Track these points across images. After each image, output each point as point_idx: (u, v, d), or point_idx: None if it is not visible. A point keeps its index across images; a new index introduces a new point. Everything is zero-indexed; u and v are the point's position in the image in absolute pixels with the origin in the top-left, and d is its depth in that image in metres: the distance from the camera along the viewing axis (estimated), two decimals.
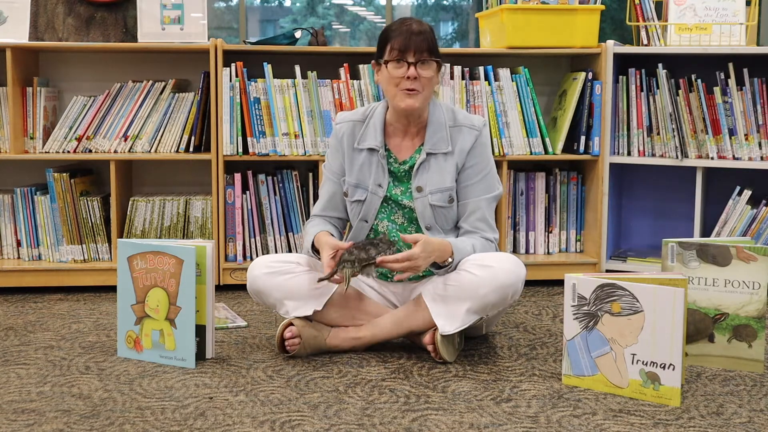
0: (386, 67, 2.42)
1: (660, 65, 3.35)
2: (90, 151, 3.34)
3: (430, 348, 2.39)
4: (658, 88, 3.38)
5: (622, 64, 3.51)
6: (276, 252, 3.35)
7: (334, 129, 2.58)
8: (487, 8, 3.58)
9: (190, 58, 3.52)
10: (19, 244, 3.34)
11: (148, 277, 2.37)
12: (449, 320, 2.36)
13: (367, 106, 2.59)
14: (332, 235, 2.50)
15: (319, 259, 2.44)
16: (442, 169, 2.47)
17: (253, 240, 3.36)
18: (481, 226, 2.49)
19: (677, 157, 3.34)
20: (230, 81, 3.26)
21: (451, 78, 3.35)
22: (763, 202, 3.28)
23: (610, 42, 3.40)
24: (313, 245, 2.47)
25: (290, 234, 3.38)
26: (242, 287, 3.23)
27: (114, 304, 3.04)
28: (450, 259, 2.37)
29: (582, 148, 3.42)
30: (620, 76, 3.45)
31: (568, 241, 3.56)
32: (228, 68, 3.26)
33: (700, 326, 2.37)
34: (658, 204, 3.72)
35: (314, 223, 2.57)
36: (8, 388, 2.17)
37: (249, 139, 3.27)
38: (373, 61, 2.50)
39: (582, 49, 3.40)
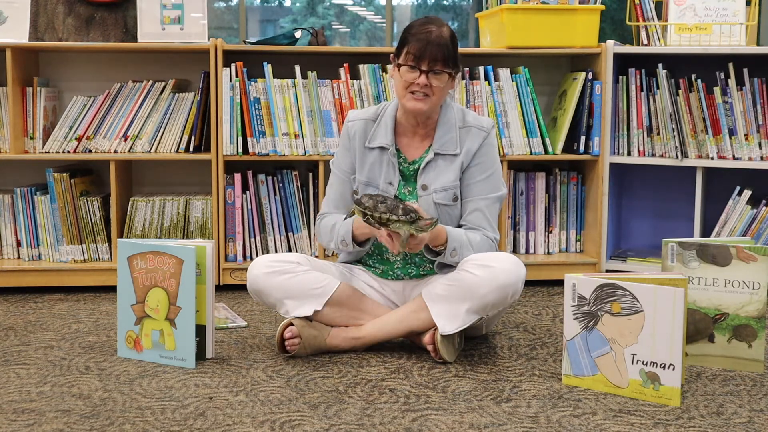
0: (399, 70, 2.43)
1: (660, 65, 3.35)
2: (90, 151, 3.34)
3: (430, 348, 2.39)
4: (658, 88, 3.38)
5: (622, 64, 3.51)
6: (276, 252, 3.35)
7: (345, 127, 2.58)
8: (487, 8, 3.58)
9: (190, 58, 3.52)
10: (19, 244, 3.34)
11: (148, 277, 2.37)
12: (449, 320, 2.36)
13: (379, 104, 2.60)
14: None
15: (355, 243, 2.46)
16: (447, 168, 2.48)
17: (253, 240, 3.36)
18: (482, 225, 2.48)
19: (677, 157, 3.34)
20: (230, 81, 3.26)
21: None
22: (763, 202, 3.28)
23: (610, 42, 3.40)
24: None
25: (290, 234, 3.38)
26: (242, 287, 3.23)
27: (114, 304, 3.04)
28: (443, 247, 2.37)
29: (582, 148, 3.42)
30: (620, 76, 3.45)
31: (568, 241, 3.56)
32: (228, 68, 3.26)
33: (700, 326, 2.37)
34: (658, 204, 3.72)
35: (332, 217, 2.56)
36: (8, 388, 2.17)
37: (249, 139, 3.27)
38: (392, 55, 2.50)
39: (582, 49, 3.40)
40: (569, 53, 3.49)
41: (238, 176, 3.32)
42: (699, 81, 3.34)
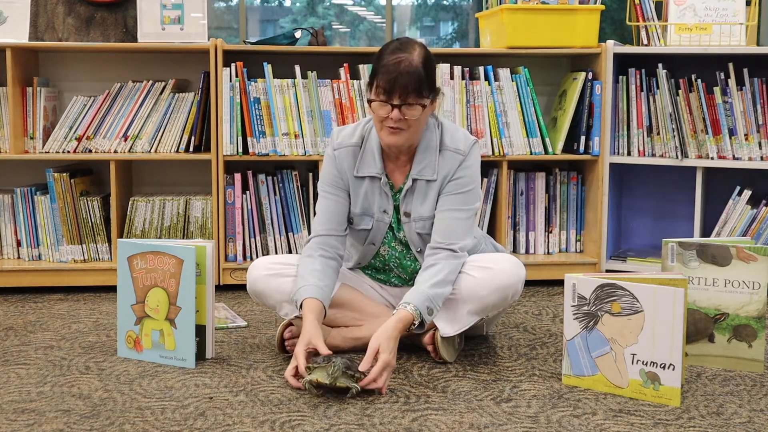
0: (370, 105, 2.30)
1: (660, 65, 3.35)
2: (90, 151, 3.34)
3: (430, 348, 2.39)
4: (658, 88, 3.38)
5: (622, 64, 3.51)
6: (276, 252, 3.35)
7: (332, 154, 2.44)
8: (487, 8, 3.58)
9: (190, 58, 3.52)
10: (19, 244, 3.34)
11: (148, 277, 2.37)
12: (450, 322, 2.36)
13: (361, 124, 2.46)
14: (327, 290, 2.35)
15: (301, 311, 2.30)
16: (425, 196, 2.40)
17: (253, 240, 3.36)
18: (450, 236, 2.35)
19: (677, 157, 3.34)
20: (230, 81, 3.26)
21: (451, 78, 3.35)
22: (763, 202, 3.28)
23: (610, 42, 3.40)
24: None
25: (290, 234, 3.38)
26: (242, 287, 3.23)
27: (114, 304, 3.04)
28: (414, 324, 2.23)
29: (582, 148, 3.42)
30: (620, 76, 3.45)
31: (568, 241, 3.56)
32: (228, 68, 3.26)
33: (700, 326, 2.37)
34: (658, 204, 3.72)
35: (311, 261, 2.38)
36: (8, 388, 2.17)
37: (249, 139, 3.28)
38: (366, 84, 2.38)
39: (582, 49, 3.40)
40: (569, 53, 3.49)
41: (238, 176, 3.32)
42: (699, 81, 3.34)
